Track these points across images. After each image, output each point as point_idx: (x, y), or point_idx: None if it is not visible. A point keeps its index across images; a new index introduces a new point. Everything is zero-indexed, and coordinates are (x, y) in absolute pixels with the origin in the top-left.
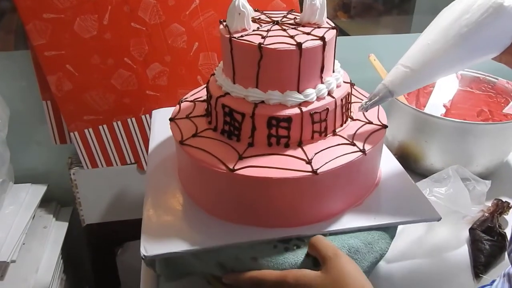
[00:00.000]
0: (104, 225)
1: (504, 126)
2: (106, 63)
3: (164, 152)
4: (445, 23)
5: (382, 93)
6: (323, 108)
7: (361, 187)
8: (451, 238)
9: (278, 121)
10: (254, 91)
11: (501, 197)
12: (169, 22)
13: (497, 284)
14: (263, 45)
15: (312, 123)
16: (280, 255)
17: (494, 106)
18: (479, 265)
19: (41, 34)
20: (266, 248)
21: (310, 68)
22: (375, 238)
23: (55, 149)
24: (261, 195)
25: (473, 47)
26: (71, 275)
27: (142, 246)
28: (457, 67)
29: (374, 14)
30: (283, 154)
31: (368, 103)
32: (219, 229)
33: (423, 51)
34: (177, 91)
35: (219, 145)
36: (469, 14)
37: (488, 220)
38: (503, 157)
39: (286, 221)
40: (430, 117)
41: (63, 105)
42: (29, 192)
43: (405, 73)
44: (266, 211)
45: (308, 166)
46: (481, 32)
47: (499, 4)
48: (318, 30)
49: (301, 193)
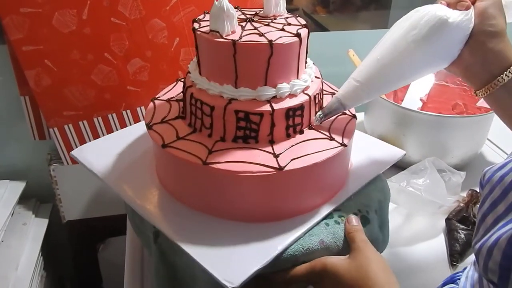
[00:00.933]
0: (85, 222)
1: (477, 119)
2: (86, 58)
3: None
4: (394, 38)
5: (335, 105)
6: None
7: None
8: (428, 227)
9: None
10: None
11: (475, 188)
12: (150, 17)
13: (467, 271)
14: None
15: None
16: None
17: (468, 99)
18: (455, 253)
19: (18, 28)
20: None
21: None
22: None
23: (34, 145)
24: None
25: (420, 62)
26: (51, 272)
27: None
28: (406, 80)
29: (352, 9)
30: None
31: (321, 115)
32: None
33: (372, 66)
34: (158, 86)
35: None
36: (416, 30)
37: (463, 210)
38: (477, 149)
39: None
40: (407, 111)
41: (42, 101)
42: (8, 189)
43: (355, 87)
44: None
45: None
46: (428, 47)
47: (444, 21)
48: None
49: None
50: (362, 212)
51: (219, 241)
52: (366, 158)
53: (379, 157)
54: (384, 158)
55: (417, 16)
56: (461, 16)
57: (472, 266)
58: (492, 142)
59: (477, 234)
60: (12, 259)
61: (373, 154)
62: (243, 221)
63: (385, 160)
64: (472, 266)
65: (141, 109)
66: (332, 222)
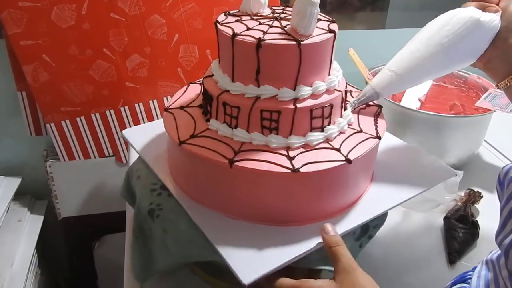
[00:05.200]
0: (81, 219)
1: (475, 119)
2: (85, 53)
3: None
4: (428, 33)
5: (369, 93)
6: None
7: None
8: (426, 225)
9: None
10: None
11: (473, 187)
12: (149, 13)
13: (479, 270)
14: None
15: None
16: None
17: (466, 100)
18: (453, 252)
19: (16, 22)
20: None
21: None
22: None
23: (30, 141)
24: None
25: (452, 56)
26: (46, 269)
27: None
28: (437, 73)
29: (349, 10)
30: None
31: (355, 101)
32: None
33: (407, 58)
34: (157, 83)
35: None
36: (450, 26)
37: (461, 209)
38: (475, 149)
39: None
40: (406, 110)
41: (39, 96)
42: (3, 185)
43: (390, 77)
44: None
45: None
46: (459, 42)
47: (476, 20)
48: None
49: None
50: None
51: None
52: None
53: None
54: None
55: (450, 14)
56: (491, 16)
57: (484, 265)
58: (489, 143)
59: (504, 230)
60: (7, 256)
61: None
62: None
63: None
64: (484, 265)
65: (139, 105)
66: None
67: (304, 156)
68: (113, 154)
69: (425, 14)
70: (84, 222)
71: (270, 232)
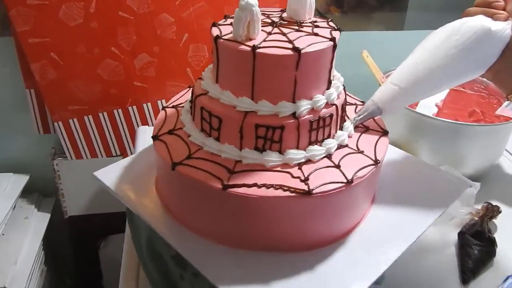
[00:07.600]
0: (87, 218)
1: (496, 128)
2: (93, 52)
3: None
4: (434, 43)
5: (371, 109)
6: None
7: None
8: (439, 239)
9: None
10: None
11: (491, 201)
12: (158, 11)
13: None
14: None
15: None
16: None
17: (486, 107)
18: (467, 270)
19: (24, 20)
20: None
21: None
22: None
23: (38, 139)
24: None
25: (460, 67)
26: (52, 267)
27: None
28: (444, 86)
29: (367, 10)
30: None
31: (356, 118)
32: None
33: (411, 70)
34: (165, 83)
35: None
36: (458, 36)
37: (477, 224)
38: (494, 160)
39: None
40: (422, 117)
41: (47, 94)
42: (11, 182)
43: (393, 91)
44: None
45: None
46: (468, 53)
47: (487, 29)
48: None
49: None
50: None
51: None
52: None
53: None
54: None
55: (458, 23)
56: (503, 25)
57: None
58: (511, 153)
59: None
60: (12, 253)
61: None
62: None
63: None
64: None
65: (147, 105)
66: None
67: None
68: (121, 154)
69: (446, 16)
70: (90, 221)
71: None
